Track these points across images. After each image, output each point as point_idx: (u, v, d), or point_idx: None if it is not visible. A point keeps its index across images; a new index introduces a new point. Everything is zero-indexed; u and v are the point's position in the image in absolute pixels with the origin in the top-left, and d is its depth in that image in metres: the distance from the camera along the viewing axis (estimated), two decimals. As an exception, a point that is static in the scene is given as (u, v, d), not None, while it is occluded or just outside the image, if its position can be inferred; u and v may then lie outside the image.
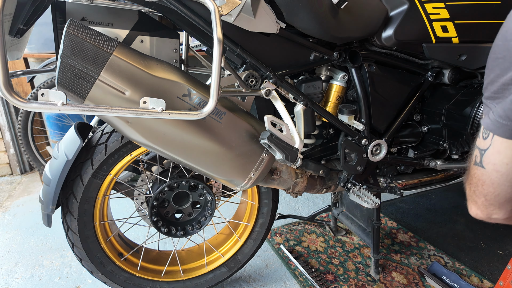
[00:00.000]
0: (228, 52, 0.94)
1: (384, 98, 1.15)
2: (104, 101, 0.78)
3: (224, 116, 0.90)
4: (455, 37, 1.09)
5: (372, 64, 1.12)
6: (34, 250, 1.73)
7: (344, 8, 0.99)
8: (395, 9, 1.05)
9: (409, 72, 1.20)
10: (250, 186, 1.01)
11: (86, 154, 1.06)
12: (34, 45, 2.23)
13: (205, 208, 1.24)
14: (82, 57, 0.74)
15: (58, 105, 0.66)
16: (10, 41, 0.89)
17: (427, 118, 1.27)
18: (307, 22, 0.94)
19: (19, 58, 0.98)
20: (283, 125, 0.94)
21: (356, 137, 1.15)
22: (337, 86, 1.12)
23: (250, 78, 0.97)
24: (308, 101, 1.01)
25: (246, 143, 0.94)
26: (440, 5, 1.05)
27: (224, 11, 0.74)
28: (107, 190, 1.14)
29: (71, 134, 1.01)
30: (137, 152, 1.09)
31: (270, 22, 0.88)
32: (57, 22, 0.91)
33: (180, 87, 0.83)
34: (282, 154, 0.93)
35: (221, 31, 0.70)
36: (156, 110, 0.73)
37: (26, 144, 2.33)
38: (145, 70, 0.79)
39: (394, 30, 1.04)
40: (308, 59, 1.04)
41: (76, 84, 0.75)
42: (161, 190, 1.15)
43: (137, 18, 0.95)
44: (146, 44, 0.97)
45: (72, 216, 1.09)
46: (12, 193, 2.36)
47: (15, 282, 1.50)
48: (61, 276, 1.54)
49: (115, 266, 1.21)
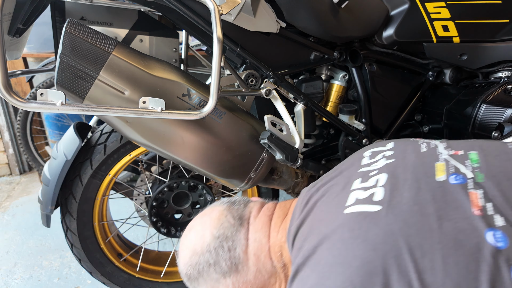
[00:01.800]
0: (228, 51, 0.93)
1: (385, 98, 1.15)
2: (103, 101, 0.78)
3: (224, 116, 0.89)
4: (456, 36, 1.08)
5: (373, 64, 1.11)
6: (33, 250, 1.72)
7: (344, 8, 0.98)
8: (395, 9, 1.05)
9: (410, 72, 1.20)
10: (250, 186, 1.01)
11: (85, 154, 1.05)
12: (33, 45, 2.23)
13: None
14: (81, 57, 0.73)
15: (57, 105, 0.66)
16: (9, 40, 0.88)
17: (428, 118, 1.27)
18: (308, 21, 0.93)
19: (18, 57, 0.98)
20: (283, 125, 0.94)
21: (357, 137, 1.14)
22: (338, 86, 1.12)
23: (250, 78, 0.96)
24: (308, 101, 1.01)
25: (246, 143, 0.94)
26: (441, 4, 1.05)
27: (224, 10, 0.74)
28: (106, 190, 1.13)
29: (70, 134, 1.01)
30: (136, 152, 1.08)
31: (270, 22, 0.87)
32: (56, 21, 0.91)
33: (179, 86, 0.83)
34: (282, 154, 0.93)
35: (221, 30, 0.70)
36: (155, 110, 0.73)
37: (25, 144, 2.32)
38: (144, 69, 0.79)
39: (395, 29, 1.04)
40: (308, 58, 1.04)
41: (75, 84, 0.75)
42: (161, 190, 1.15)
43: (136, 18, 0.95)
44: (146, 43, 0.96)
45: (71, 216, 1.08)
46: (11, 193, 2.35)
47: (14, 283, 1.50)
48: (60, 277, 1.53)
49: (115, 266, 1.21)
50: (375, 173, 0.56)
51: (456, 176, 0.51)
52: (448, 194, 0.48)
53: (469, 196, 0.47)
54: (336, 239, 0.48)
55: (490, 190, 0.48)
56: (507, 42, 1.12)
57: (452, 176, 0.51)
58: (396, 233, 0.45)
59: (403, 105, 1.20)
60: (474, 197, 0.47)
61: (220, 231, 0.63)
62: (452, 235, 0.43)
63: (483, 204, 0.46)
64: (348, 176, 0.60)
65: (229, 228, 0.63)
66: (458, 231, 0.43)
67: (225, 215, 0.65)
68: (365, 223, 0.47)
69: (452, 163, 0.54)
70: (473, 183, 0.49)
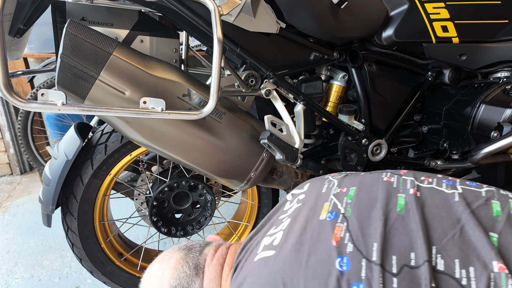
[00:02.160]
0: (228, 52, 0.94)
1: (384, 98, 1.15)
2: (104, 101, 0.78)
3: (224, 116, 0.90)
4: (455, 37, 1.09)
5: (372, 64, 1.11)
6: (34, 250, 1.73)
7: (344, 8, 0.98)
8: (395, 9, 1.05)
9: (409, 72, 1.20)
10: (250, 186, 1.01)
11: (86, 154, 1.06)
12: (34, 45, 2.23)
13: (205, 208, 1.24)
14: (82, 57, 0.74)
15: (58, 105, 0.66)
16: (10, 41, 0.89)
17: (427, 118, 1.27)
18: (307, 22, 0.94)
19: (19, 58, 0.98)
20: (283, 125, 0.94)
21: (356, 137, 1.15)
22: (337, 86, 1.12)
23: (250, 78, 0.97)
24: (308, 101, 1.01)
25: (246, 143, 0.94)
26: (440, 5, 1.05)
27: (224, 11, 0.74)
28: (107, 190, 1.13)
29: (71, 134, 1.01)
30: (137, 152, 1.08)
31: (270, 22, 0.88)
32: (57, 22, 0.91)
33: (180, 87, 0.83)
34: (282, 154, 0.93)
35: (221, 31, 0.70)
36: (156, 110, 0.73)
37: (26, 144, 2.32)
38: (145, 70, 0.79)
39: (394, 30, 1.04)
40: (308, 59, 1.04)
41: (76, 84, 0.75)
42: (161, 190, 1.15)
43: (137, 18, 0.95)
44: (146, 44, 0.97)
45: (72, 216, 1.09)
46: (12, 193, 2.36)
47: (15, 282, 1.50)
48: (61, 276, 1.54)
49: (115, 266, 1.21)
50: (285, 218, 0.63)
51: (331, 213, 0.58)
52: (322, 231, 0.55)
53: (334, 230, 0.54)
54: (245, 286, 0.56)
55: (352, 222, 0.54)
56: (506, 43, 1.12)
57: (329, 213, 0.58)
58: (277, 272, 0.52)
59: (403, 105, 1.20)
60: (338, 230, 0.54)
61: (177, 281, 0.67)
62: (314, 267, 0.50)
63: (342, 235, 0.52)
64: (270, 223, 0.68)
65: (185, 278, 0.67)
66: (318, 263, 0.50)
67: (182, 264, 0.69)
68: (261, 267, 0.55)
69: (334, 201, 0.61)
70: (341, 217, 0.56)
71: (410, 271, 0.46)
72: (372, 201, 0.57)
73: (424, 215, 0.52)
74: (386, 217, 0.53)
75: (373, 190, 0.60)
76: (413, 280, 0.45)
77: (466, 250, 0.47)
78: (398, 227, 0.51)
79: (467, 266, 0.45)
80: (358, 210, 0.56)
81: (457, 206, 0.53)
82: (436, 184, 0.60)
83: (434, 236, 0.49)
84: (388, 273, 0.47)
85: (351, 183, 0.64)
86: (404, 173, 0.65)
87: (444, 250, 0.47)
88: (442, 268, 0.46)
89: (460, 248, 0.47)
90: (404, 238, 0.50)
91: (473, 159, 1.08)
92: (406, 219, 0.52)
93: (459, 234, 0.49)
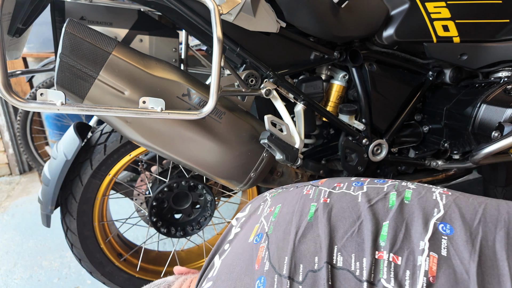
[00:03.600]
0: (228, 51, 0.93)
1: (385, 98, 1.15)
2: (103, 101, 0.78)
3: (223, 116, 0.89)
4: (456, 36, 1.08)
5: (373, 64, 1.11)
6: (33, 250, 1.72)
7: (345, 7, 0.98)
8: (396, 8, 1.04)
9: (410, 72, 1.20)
10: (250, 186, 1.01)
11: (85, 154, 1.05)
12: (33, 45, 2.23)
13: (205, 208, 1.23)
14: (81, 57, 0.73)
15: (57, 105, 0.66)
16: (9, 40, 0.88)
17: (428, 118, 1.27)
18: (308, 21, 0.93)
19: (18, 57, 0.98)
20: (283, 125, 0.94)
21: (357, 137, 1.14)
22: (338, 86, 1.12)
23: (250, 78, 0.96)
24: (308, 101, 1.01)
25: (246, 143, 0.94)
26: (441, 4, 1.04)
27: (224, 10, 0.73)
28: (106, 190, 1.13)
29: (70, 134, 1.01)
30: (136, 152, 1.08)
31: (270, 21, 0.87)
32: (56, 21, 0.91)
33: (179, 86, 0.83)
34: (282, 154, 0.93)
35: (221, 30, 0.70)
36: (155, 110, 0.72)
37: (25, 144, 2.32)
38: (144, 69, 0.79)
39: (395, 29, 1.04)
40: (308, 58, 1.04)
41: (75, 84, 0.75)
42: (161, 190, 1.14)
43: (136, 17, 0.95)
44: (146, 43, 0.96)
45: (71, 216, 1.08)
46: (11, 193, 2.35)
47: (14, 283, 1.50)
48: (60, 277, 1.53)
49: (115, 266, 1.21)
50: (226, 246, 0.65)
51: (258, 236, 0.58)
52: (249, 254, 0.56)
53: (258, 252, 0.55)
54: None
55: (272, 239, 0.55)
56: (507, 42, 1.12)
57: (256, 236, 0.59)
58: None
59: (403, 105, 1.20)
60: (261, 250, 0.55)
61: None
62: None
63: (263, 255, 0.54)
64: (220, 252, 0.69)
65: None
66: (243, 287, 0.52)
67: None
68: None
69: (263, 222, 0.61)
70: (265, 237, 0.57)
71: (313, 275, 0.49)
72: (289, 215, 0.58)
73: (330, 219, 0.55)
74: (297, 228, 0.55)
75: (292, 205, 0.61)
76: (314, 284, 0.48)
77: (361, 244, 0.50)
78: (307, 235, 0.53)
79: (361, 258, 0.49)
80: (278, 227, 0.57)
81: (359, 205, 0.56)
82: (346, 188, 0.62)
83: (336, 236, 0.52)
84: (295, 283, 0.49)
85: (278, 201, 0.65)
86: (322, 183, 0.66)
87: (344, 248, 0.50)
88: (341, 264, 0.49)
89: (357, 243, 0.50)
90: (311, 245, 0.52)
91: (474, 159, 1.07)
92: (314, 226, 0.54)
93: (357, 230, 0.52)
